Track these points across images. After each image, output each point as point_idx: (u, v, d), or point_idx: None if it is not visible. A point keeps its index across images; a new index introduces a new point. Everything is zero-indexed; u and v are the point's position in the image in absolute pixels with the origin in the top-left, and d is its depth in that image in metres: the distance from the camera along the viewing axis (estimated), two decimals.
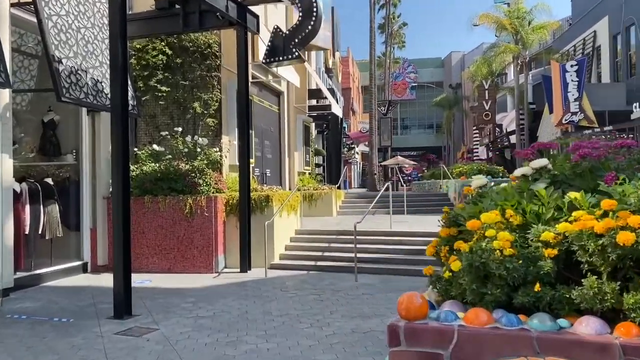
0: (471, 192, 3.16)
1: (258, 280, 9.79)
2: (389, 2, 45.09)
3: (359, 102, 53.11)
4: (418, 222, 13.55)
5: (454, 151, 51.44)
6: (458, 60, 56.23)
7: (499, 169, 16.87)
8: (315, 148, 19.61)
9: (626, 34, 28.22)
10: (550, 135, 30.94)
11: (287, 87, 16.12)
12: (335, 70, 36.90)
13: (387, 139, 33.83)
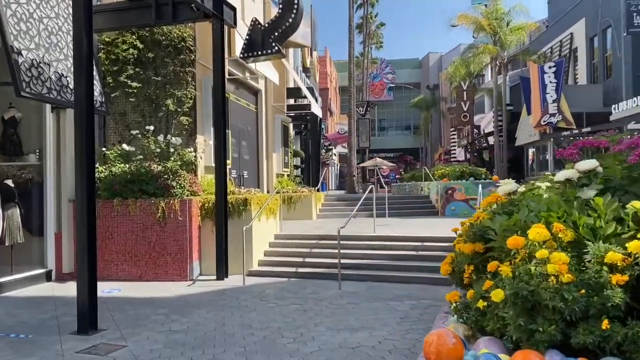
0: (500, 199, 2.63)
1: (236, 289, 9.23)
2: (366, 1, 44.88)
3: (337, 103, 52.75)
4: (401, 225, 13.14)
5: (432, 153, 51.45)
6: (435, 61, 56.29)
7: (482, 171, 16.59)
8: (293, 149, 19.09)
9: (603, 36, 28.38)
10: (529, 137, 30.97)
11: (265, 85, 15.57)
12: (313, 70, 36.45)
13: (366, 140, 33.50)
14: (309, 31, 17.11)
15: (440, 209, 16.08)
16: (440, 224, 13.44)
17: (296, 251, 10.77)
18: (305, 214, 15.45)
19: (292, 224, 13.60)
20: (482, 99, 40.90)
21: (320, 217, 15.95)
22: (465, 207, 15.89)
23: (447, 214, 15.92)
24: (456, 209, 15.93)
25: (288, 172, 17.05)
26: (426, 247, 10.11)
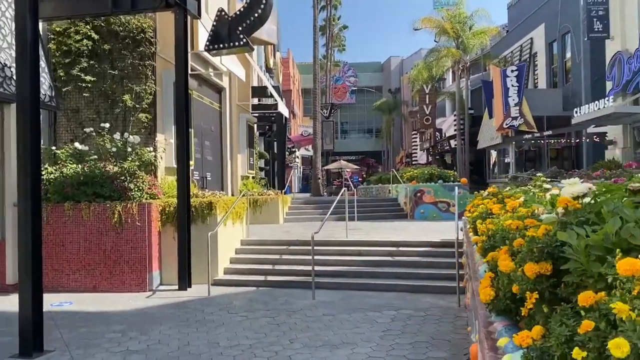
0: (572, 204, 2.02)
1: (200, 300, 8.47)
2: (330, 4, 44.49)
3: (300, 105, 52.13)
4: (373, 229, 12.61)
5: (393, 155, 51.46)
6: (397, 65, 56.42)
7: (451, 173, 16.28)
8: (258, 151, 18.34)
9: (562, 41, 28.79)
10: (490, 140, 31.12)
11: (230, 83, 14.80)
12: (276, 71, 35.77)
13: (330, 142, 33.01)
14: (275, 29, 16.44)
15: (409, 212, 15.67)
16: (411, 228, 12.99)
17: (265, 258, 10.08)
18: (272, 218, 14.75)
19: (259, 229, 12.88)
20: (444, 103, 41.06)
21: (288, 221, 15.28)
22: (434, 210, 15.53)
23: (416, 217, 15.52)
24: (425, 212, 15.55)
25: (253, 174, 16.31)
26: (402, 252, 9.60)
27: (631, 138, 21.56)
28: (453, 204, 15.51)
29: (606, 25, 21.80)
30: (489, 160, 33.51)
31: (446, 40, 33.50)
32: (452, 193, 15.56)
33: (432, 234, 11.23)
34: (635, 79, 19.88)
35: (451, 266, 8.97)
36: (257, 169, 16.89)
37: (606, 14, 21.75)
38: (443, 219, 15.27)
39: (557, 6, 28.21)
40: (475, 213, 5.73)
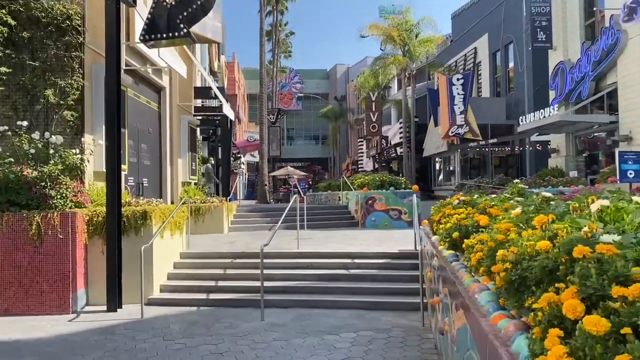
0: None
1: (132, 323, 7.34)
2: (276, 9, 43.65)
3: (245, 110, 50.89)
4: (325, 239, 11.78)
5: (340, 163, 51.06)
6: (343, 73, 56.21)
7: (402, 180, 15.73)
8: (201, 155, 17.18)
9: (505, 51, 29.17)
10: (436, 148, 31.12)
11: (170, 82, 13.64)
12: (221, 75, 34.53)
13: (276, 148, 32.09)
14: (219, 26, 15.40)
15: (361, 220, 14.97)
16: (364, 237, 12.26)
17: (207, 273, 9.03)
18: (216, 227, 13.67)
19: (201, 239, 11.79)
20: (389, 111, 41.05)
21: (233, 230, 14.23)
22: (386, 217, 14.92)
23: (368, 225, 14.85)
24: (377, 220, 14.90)
25: (196, 180, 15.15)
26: (357, 265, 8.81)
27: (573, 146, 21.85)
28: (405, 212, 14.95)
29: (549, 36, 22.06)
30: (434, 167, 33.59)
31: (392, 48, 33.39)
32: (404, 200, 15.02)
33: (387, 244, 10.53)
34: (577, 88, 20.13)
35: (411, 280, 8.27)
36: (199, 175, 15.74)
37: (549, 24, 22.02)
38: (395, 227, 14.67)
39: (500, 17, 28.57)
40: (448, 224, 5.00)
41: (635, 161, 11.70)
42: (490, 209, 4.32)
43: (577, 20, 20.84)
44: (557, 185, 17.14)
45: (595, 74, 19.11)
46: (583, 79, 19.73)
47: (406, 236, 12.10)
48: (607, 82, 19.10)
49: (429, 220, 8.61)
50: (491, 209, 4.25)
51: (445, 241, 5.09)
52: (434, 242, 6.14)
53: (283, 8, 44.48)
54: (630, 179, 11.71)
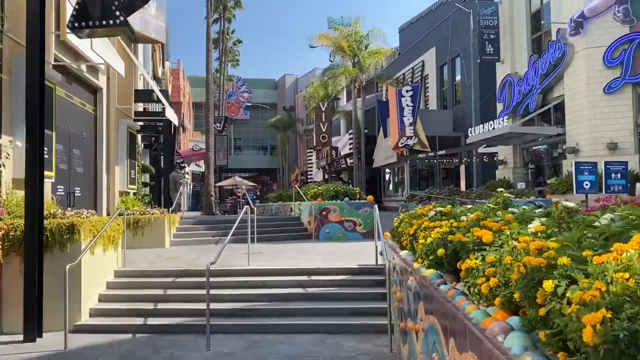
0: None
1: (53, 356, 6.17)
2: (223, 16, 42.50)
3: (190, 119, 49.24)
4: (277, 253, 10.86)
5: (289, 173, 50.18)
6: (292, 83, 55.54)
7: (356, 190, 15.03)
8: (142, 163, 15.90)
9: (452, 64, 29.34)
10: (385, 159, 30.86)
11: (108, 82, 12.40)
12: (165, 82, 33.09)
13: (223, 157, 30.88)
14: (163, 26, 14.31)
15: (314, 232, 14.15)
16: (319, 250, 11.43)
17: (145, 294, 7.92)
18: (156, 241, 12.46)
19: (139, 255, 10.60)
20: (338, 122, 40.65)
21: (176, 244, 13.05)
22: (341, 229, 14.16)
23: (322, 237, 14.03)
24: (331, 232, 14.11)
25: (135, 189, 13.87)
26: (315, 283, 7.95)
27: (520, 158, 21.96)
28: (360, 223, 14.25)
29: (497, 49, 22.17)
30: (384, 178, 33.32)
31: (342, 59, 33.02)
32: (359, 211, 14.32)
33: (345, 258, 9.74)
34: (524, 101, 20.23)
35: (375, 298, 7.50)
36: (139, 184, 14.46)
37: (497, 37, 22.13)
38: (349, 239, 13.93)
39: (447, 31, 28.72)
40: (429, 239, 4.25)
41: (590, 172, 11.48)
42: (487, 222, 3.59)
43: (524, 33, 21.03)
44: None
45: (543, 87, 19.24)
46: (530, 91, 19.84)
47: (363, 249, 11.37)
48: (554, 95, 19.27)
49: (393, 232, 7.90)
50: (489, 222, 3.51)
51: (425, 258, 4.34)
52: (406, 258, 5.38)
53: (231, 16, 43.25)
54: (586, 190, 11.47)
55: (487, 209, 4.62)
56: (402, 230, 6.54)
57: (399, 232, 6.84)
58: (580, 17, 17.27)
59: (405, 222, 5.94)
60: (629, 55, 16.50)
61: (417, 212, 6.44)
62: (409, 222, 5.75)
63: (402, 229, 6.51)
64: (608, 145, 16.75)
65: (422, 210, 5.82)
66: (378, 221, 7.76)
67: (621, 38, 16.68)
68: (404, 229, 6.40)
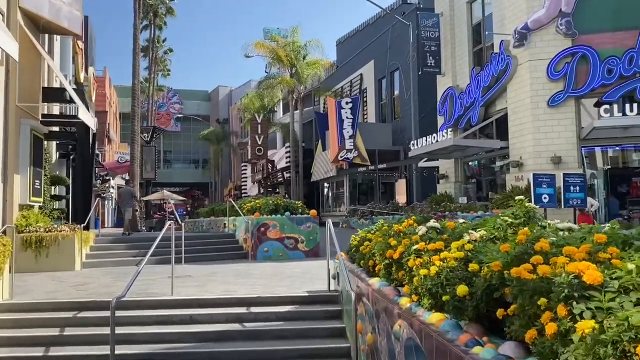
0: None
1: None
2: (153, 22, 40.21)
3: (117, 130, 46.15)
4: (209, 277, 9.21)
5: (222, 188, 47.98)
6: (226, 95, 53.50)
7: (298, 204, 13.61)
8: (51, 174, 13.70)
9: (390, 77, 28.76)
10: (325, 173, 29.68)
11: (6, 76, 10.31)
12: (89, 89, 30.39)
13: (151, 170, 28.56)
14: (79, 15, 12.38)
15: (251, 251, 12.55)
16: (257, 272, 9.88)
17: (34, 336, 6.07)
18: (64, 263, 10.46)
19: (39, 281, 8.65)
20: (275, 135, 39.21)
21: (89, 266, 11.06)
22: (281, 247, 12.66)
23: (259, 256, 12.46)
24: (270, 250, 12.57)
25: (41, 202, 11.75)
26: (256, 316, 6.41)
27: (462, 172, 21.41)
28: (302, 240, 12.83)
29: (438, 61, 21.64)
30: (322, 193, 32.12)
31: (279, 69, 31.77)
32: (301, 227, 12.91)
33: (289, 282, 8.28)
34: (466, 114, 19.69)
35: (330, 335, 6.07)
36: (46, 197, 12.31)
37: (438, 49, 21.61)
38: (290, 259, 12.47)
39: (386, 44, 28.15)
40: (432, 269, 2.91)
41: (549, 184, 10.74)
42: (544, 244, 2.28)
43: (466, 46, 20.60)
44: (454, 211, 16.17)
45: (485, 100, 18.75)
46: (473, 104, 19.33)
47: (308, 270, 9.96)
48: (497, 108, 18.83)
49: (351, 253, 6.54)
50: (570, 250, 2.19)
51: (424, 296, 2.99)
52: (382, 290, 4.02)
53: (161, 23, 41.02)
54: (545, 203, 10.69)
55: (503, 224, 3.34)
56: (366, 251, 5.21)
57: (362, 252, 5.49)
58: (524, 29, 16.92)
59: (378, 242, 4.58)
60: (572, 69, 16.25)
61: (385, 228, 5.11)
62: (384, 242, 4.39)
63: (367, 249, 5.17)
64: (552, 159, 16.35)
65: (399, 227, 4.48)
66: (334, 237, 6.37)
67: (564, 51, 16.43)
68: (369, 249, 5.06)
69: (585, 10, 16.47)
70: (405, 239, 3.72)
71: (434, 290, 2.77)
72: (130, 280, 5.46)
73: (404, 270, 3.46)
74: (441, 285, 2.72)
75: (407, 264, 3.34)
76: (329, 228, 6.82)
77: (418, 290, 3.02)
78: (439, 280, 2.74)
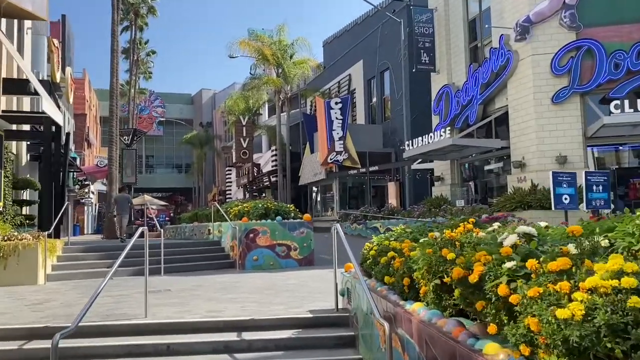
0: None
1: None
2: (134, 23, 38.70)
3: (97, 133, 44.39)
4: (191, 291, 7.89)
5: (205, 193, 46.41)
6: (209, 98, 51.97)
7: (290, 208, 12.35)
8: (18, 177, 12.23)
9: (380, 77, 27.66)
10: (313, 176, 28.40)
11: None
12: (66, 90, 28.78)
13: (131, 174, 27.01)
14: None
15: (239, 260, 11.23)
16: (247, 285, 8.59)
17: None
18: (25, 276, 9.06)
19: None
20: (260, 139, 37.85)
21: (55, 279, 9.67)
22: (271, 255, 11.37)
23: (248, 266, 11.15)
24: (259, 259, 11.27)
25: (0, 207, 10.30)
26: (250, 345, 5.12)
27: (458, 174, 20.32)
28: (295, 247, 11.56)
29: (432, 58, 20.59)
30: (311, 197, 30.84)
31: (265, 70, 30.53)
32: (294, 233, 11.64)
33: (286, 298, 7.01)
34: (464, 112, 18.63)
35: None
36: (7, 200, 10.84)
37: (432, 46, 20.55)
38: (283, 268, 11.19)
39: (375, 43, 27.06)
40: (575, 311, 1.68)
41: (569, 184, 9.61)
42: None
43: (462, 42, 19.57)
44: (457, 214, 15.04)
45: (484, 97, 17.70)
46: (470, 102, 18.27)
47: (303, 282, 8.71)
48: (497, 106, 17.79)
49: (367, 265, 5.31)
50: None
51: (563, 355, 1.75)
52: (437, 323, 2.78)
53: (143, 24, 39.49)
54: (566, 205, 9.57)
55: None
56: (398, 266, 3.97)
57: (383, 265, 4.26)
58: (526, 22, 15.92)
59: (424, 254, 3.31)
60: (577, 64, 15.28)
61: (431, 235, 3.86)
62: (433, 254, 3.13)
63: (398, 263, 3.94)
64: (557, 158, 15.34)
65: (452, 234, 3.23)
66: (346, 245, 5.12)
67: (568, 45, 15.47)
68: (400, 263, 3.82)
69: (590, 2, 15.54)
70: (483, 253, 2.47)
71: (585, 345, 1.56)
72: (86, 305, 4.15)
73: (489, 302, 2.24)
74: (596, 337, 1.52)
75: (498, 293, 2.12)
76: (338, 233, 5.57)
77: (534, 340, 1.81)
78: (592, 328, 1.54)
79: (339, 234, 5.47)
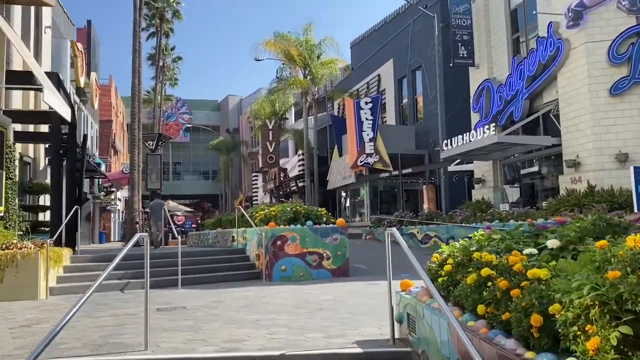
0: None
1: None
2: (160, 29, 38.00)
3: (123, 140, 43.90)
4: (209, 312, 6.55)
5: (232, 199, 45.45)
6: (235, 104, 51.16)
7: (322, 211, 10.99)
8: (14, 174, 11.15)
9: (412, 76, 26.16)
10: (342, 180, 26.96)
11: None
12: (91, 95, 28.12)
13: (156, 180, 25.97)
14: None
15: (265, 270, 9.90)
16: (275, 302, 7.23)
17: None
18: (24, 290, 7.90)
19: None
20: (286, 144, 36.68)
21: (58, 292, 8.50)
22: (302, 265, 10.00)
23: (276, 277, 9.80)
24: (288, 269, 9.91)
25: (1, 212, 9.22)
26: None
27: (501, 175, 18.64)
28: (328, 256, 10.16)
29: (470, 52, 19.02)
30: (339, 201, 29.41)
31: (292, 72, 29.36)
32: (326, 240, 10.24)
33: (324, 321, 5.61)
34: (507, 108, 16.99)
35: None
36: (9, 205, 9.72)
37: (470, 39, 19.00)
38: (314, 279, 9.80)
39: (406, 41, 25.60)
40: None
41: None
42: None
43: (504, 34, 17.95)
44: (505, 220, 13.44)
45: (531, 91, 16.04)
46: (515, 97, 16.63)
47: (341, 298, 7.30)
48: (544, 101, 16.10)
49: (439, 285, 3.87)
50: None
51: None
52: None
53: (168, 29, 38.77)
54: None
55: None
56: (520, 298, 2.52)
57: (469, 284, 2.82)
58: (580, 6, 14.27)
59: (609, 283, 1.87)
60: (638, 51, 13.54)
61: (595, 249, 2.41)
62: (610, 282, 1.71)
63: (518, 294, 2.48)
64: (617, 156, 13.62)
65: None
66: (411, 256, 3.69)
67: (627, 30, 13.75)
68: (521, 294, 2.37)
69: None
70: None
71: None
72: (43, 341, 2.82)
73: None
74: None
75: None
76: (395, 239, 4.15)
77: None
78: None
79: (397, 241, 4.05)
